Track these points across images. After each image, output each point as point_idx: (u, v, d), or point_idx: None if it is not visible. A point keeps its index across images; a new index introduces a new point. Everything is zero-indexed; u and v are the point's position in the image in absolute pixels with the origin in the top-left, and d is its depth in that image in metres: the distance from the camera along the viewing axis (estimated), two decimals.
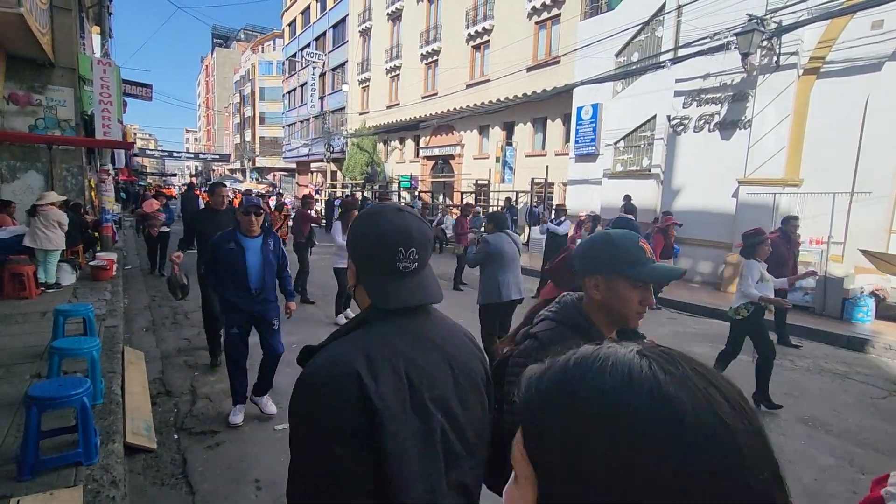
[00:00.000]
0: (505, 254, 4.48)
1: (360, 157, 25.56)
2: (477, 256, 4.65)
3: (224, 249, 3.47)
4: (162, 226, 8.97)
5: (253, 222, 3.50)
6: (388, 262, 0.97)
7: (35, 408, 2.55)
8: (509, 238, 4.64)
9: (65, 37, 8.83)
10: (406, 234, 0.98)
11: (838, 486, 3.08)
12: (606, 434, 0.37)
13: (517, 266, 4.61)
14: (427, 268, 1.06)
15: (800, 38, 8.37)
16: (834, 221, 7.95)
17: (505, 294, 4.45)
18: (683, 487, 0.35)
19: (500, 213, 5.06)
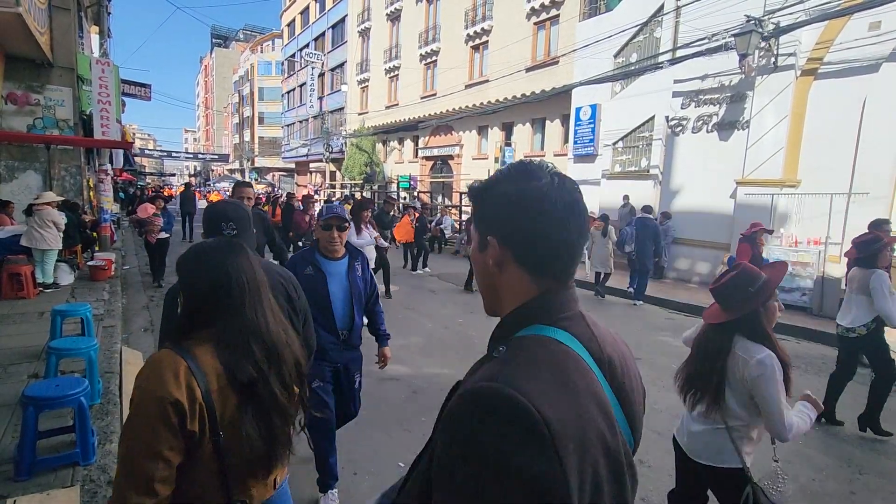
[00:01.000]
0: None
1: (360, 158, 25.56)
2: None
3: (300, 276, 2.40)
4: (161, 232, 8.21)
5: (336, 240, 2.61)
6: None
7: (32, 408, 2.55)
8: None
9: (63, 36, 8.83)
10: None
11: (836, 485, 3.09)
12: (517, 205, 0.74)
13: None
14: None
15: (798, 39, 8.40)
16: (831, 222, 7.97)
17: None
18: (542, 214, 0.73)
19: None
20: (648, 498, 2.87)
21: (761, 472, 1.98)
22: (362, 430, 3.55)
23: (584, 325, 0.75)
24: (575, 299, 0.78)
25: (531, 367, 0.66)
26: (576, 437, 0.61)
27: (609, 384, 0.72)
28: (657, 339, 6.32)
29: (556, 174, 0.77)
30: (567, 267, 0.77)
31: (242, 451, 1.11)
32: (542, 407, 0.59)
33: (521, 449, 0.58)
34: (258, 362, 1.13)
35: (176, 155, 48.85)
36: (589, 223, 0.83)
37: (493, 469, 0.58)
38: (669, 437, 3.63)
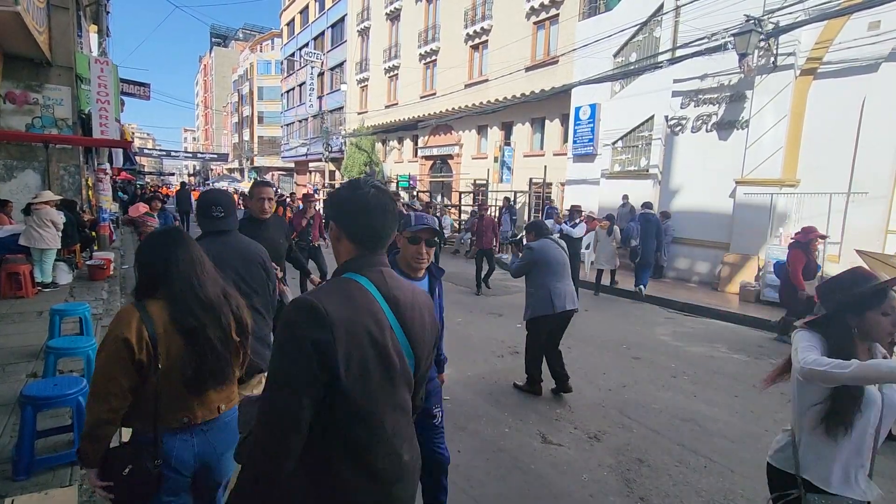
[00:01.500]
0: (553, 260, 4.13)
1: (359, 157, 25.54)
2: (520, 265, 4.23)
3: None
4: None
5: (424, 258, 2.15)
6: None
7: (30, 407, 2.55)
8: (555, 244, 4.28)
9: (62, 35, 8.81)
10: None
11: None
12: (346, 204, 1.23)
13: (568, 272, 4.23)
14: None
15: (797, 38, 8.40)
16: (831, 222, 7.98)
17: (559, 304, 4.06)
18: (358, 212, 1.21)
19: (541, 221, 4.73)
20: (648, 498, 2.87)
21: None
22: None
23: (379, 275, 1.22)
24: (380, 262, 1.24)
25: (330, 290, 1.15)
26: (347, 326, 1.08)
27: (391, 311, 1.19)
28: (656, 339, 6.32)
29: (374, 187, 1.26)
30: (374, 241, 1.24)
31: (180, 377, 1.53)
32: (326, 306, 1.07)
33: (308, 324, 1.06)
34: (197, 315, 1.56)
35: (175, 154, 48.77)
36: (396, 217, 1.29)
37: (292, 334, 1.07)
38: (668, 436, 3.65)
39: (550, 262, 4.12)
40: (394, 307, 1.20)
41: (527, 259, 4.18)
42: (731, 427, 3.85)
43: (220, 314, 1.62)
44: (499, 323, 6.77)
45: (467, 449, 3.34)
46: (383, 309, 1.18)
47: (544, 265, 4.12)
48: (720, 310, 7.74)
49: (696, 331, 6.90)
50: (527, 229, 4.51)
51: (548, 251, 4.16)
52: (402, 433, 1.24)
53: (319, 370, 1.05)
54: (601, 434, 3.65)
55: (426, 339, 1.29)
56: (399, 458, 1.22)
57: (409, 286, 1.30)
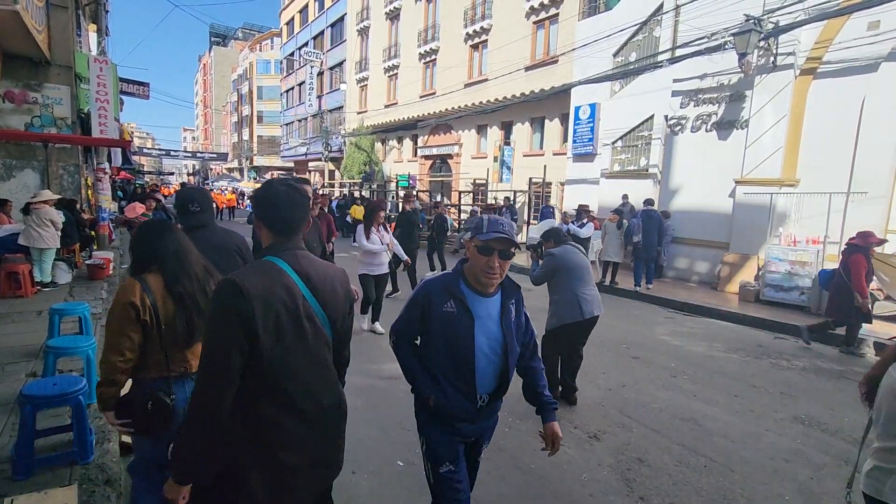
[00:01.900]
0: (576, 266, 4.05)
1: (358, 157, 25.53)
2: (542, 273, 4.13)
3: (436, 311, 1.87)
4: None
5: (496, 271, 1.81)
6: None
7: (30, 407, 2.54)
8: (576, 249, 4.19)
9: (61, 34, 8.80)
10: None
11: (834, 484, 3.09)
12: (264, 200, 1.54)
13: (591, 276, 4.14)
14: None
15: (797, 38, 8.40)
16: (830, 221, 7.98)
17: (587, 310, 3.96)
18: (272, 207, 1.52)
19: (558, 227, 4.66)
20: (648, 497, 2.87)
21: None
22: (360, 429, 3.55)
23: (293, 256, 1.50)
24: (294, 246, 1.53)
25: (251, 270, 1.45)
26: (263, 297, 1.36)
27: (304, 284, 1.47)
28: (656, 339, 6.33)
29: (284, 185, 1.55)
30: (286, 230, 1.52)
31: (174, 334, 1.92)
32: (246, 283, 1.35)
33: (232, 298, 1.33)
34: (185, 284, 1.95)
35: (175, 154, 48.72)
36: (306, 210, 1.57)
37: (220, 306, 1.35)
38: (667, 435, 3.65)
39: (573, 268, 4.03)
40: (306, 281, 1.49)
41: (549, 266, 4.08)
42: (730, 427, 3.86)
43: (205, 284, 2.03)
44: None
45: None
46: (296, 283, 1.46)
47: (567, 271, 4.03)
48: (720, 309, 7.75)
49: (696, 330, 6.90)
50: (545, 237, 4.41)
51: (571, 257, 4.08)
52: (321, 381, 1.53)
53: (242, 333, 1.34)
54: (601, 434, 3.65)
55: (338, 307, 1.59)
56: (318, 401, 1.51)
57: (322, 264, 1.59)
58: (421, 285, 1.97)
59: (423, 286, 1.95)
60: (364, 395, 4.17)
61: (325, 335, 1.55)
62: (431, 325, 1.88)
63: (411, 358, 1.98)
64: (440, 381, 1.88)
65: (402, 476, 2.99)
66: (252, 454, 1.41)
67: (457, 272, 1.93)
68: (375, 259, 5.83)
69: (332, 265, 1.65)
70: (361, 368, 4.80)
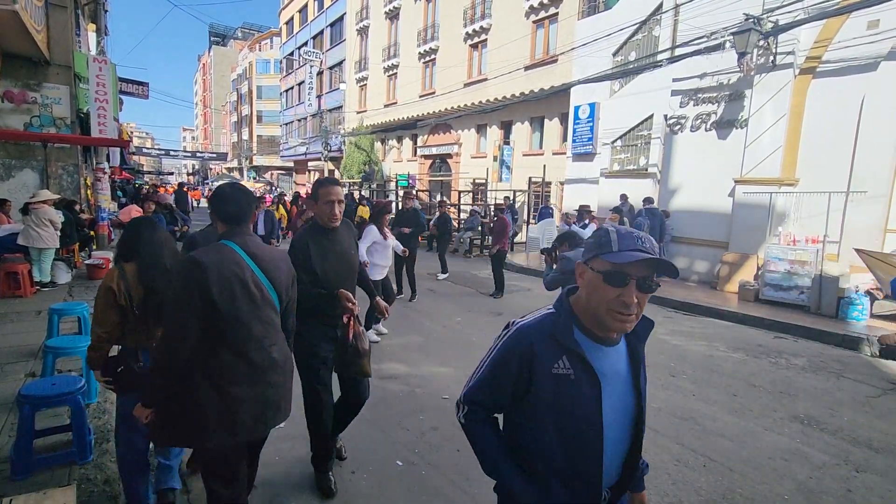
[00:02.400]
0: None
1: (358, 156, 25.53)
2: (558, 276, 4.00)
3: (543, 374, 1.23)
4: None
5: (630, 311, 1.16)
6: None
7: (28, 407, 2.54)
8: None
9: (60, 34, 8.80)
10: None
11: (833, 483, 3.09)
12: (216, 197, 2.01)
13: None
14: None
15: (796, 37, 8.39)
16: (829, 221, 7.98)
17: None
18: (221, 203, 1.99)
19: (572, 230, 4.52)
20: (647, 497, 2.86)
21: None
22: (360, 429, 3.55)
23: (242, 239, 1.90)
24: (243, 233, 1.94)
25: (205, 249, 1.84)
26: (217, 269, 1.76)
27: (251, 260, 1.88)
28: (655, 338, 6.30)
29: (232, 186, 2.03)
30: (234, 220, 1.93)
31: (146, 313, 2.26)
32: (203, 259, 1.76)
33: (191, 271, 1.75)
34: (153, 275, 2.27)
35: (174, 153, 48.66)
36: (251, 204, 2.01)
37: (182, 277, 1.78)
38: (666, 434, 3.65)
39: None
40: (253, 258, 1.91)
41: (565, 270, 3.95)
42: (729, 426, 3.86)
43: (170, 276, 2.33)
44: (498, 322, 6.77)
45: (466, 448, 3.32)
46: (245, 259, 1.88)
47: None
48: (719, 309, 7.75)
49: (695, 330, 6.91)
50: (559, 240, 4.31)
51: None
52: (270, 338, 1.95)
53: (199, 299, 1.74)
54: None
55: (282, 279, 2.03)
56: (268, 354, 1.93)
57: (268, 247, 2.04)
58: (514, 334, 1.29)
59: (517, 335, 1.28)
60: None
61: (272, 301, 1.98)
62: (535, 395, 1.23)
63: (495, 442, 1.35)
64: (546, 477, 1.26)
65: (402, 476, 2.99)
66: (207, 388, 1.81)
67: (566, 312, 1.26)
68: (384, 259, 5.52)
69: (277, 248, 2.22)
70: None
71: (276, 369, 1.96)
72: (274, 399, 1.97)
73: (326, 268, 2.57)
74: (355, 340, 2.55)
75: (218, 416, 1.82)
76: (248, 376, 1.88)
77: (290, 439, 3.36)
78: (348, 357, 2.55)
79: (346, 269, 2.68)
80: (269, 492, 2.78)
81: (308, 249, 2.53)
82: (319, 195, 2.55)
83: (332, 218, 2.56)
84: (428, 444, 3.36)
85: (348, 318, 2.55)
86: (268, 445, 3.25)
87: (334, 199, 2.54)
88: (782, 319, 7.08)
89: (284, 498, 2.72)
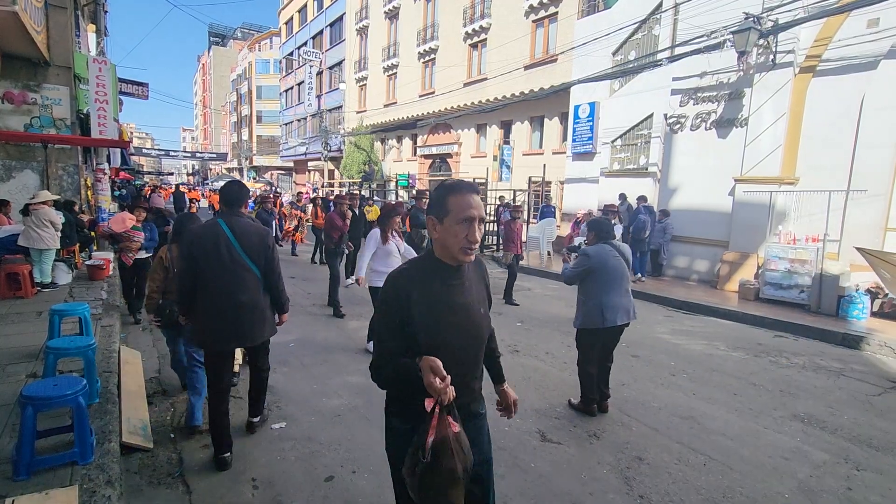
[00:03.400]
0: (609, 269, 3.82)
1: (358, 156, 25.53)
2: (574, 272, 3.95)
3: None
4: (140, 250, 6.16)
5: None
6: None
7: (30, 408, 2.54)
8: (614, 250, 3.92)
9: (60, 35, 8.79)
10: None
11: (833, 482, 3.09)
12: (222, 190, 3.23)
13: (625, 283, 3.90)
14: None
15: (796, 36, 8.39)
16: (830, 219, 7.98)
17: (609, 318, 3.78)
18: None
19: (605, 220, 4.19)
20: (647, 496, 2.87)
21: None
22: (360, 428, 3.56)
23: (229, 218, 2.95)
24: (233, 213, 2.98)
25: (202, 225, 3.06)
26: (198, 237, 2.92)
27: (229, 232, 2.91)
28: (655, 337, 6.33)
29: (233, 181, 3.27)
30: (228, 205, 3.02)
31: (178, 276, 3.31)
32: (191, 231, 3.03)
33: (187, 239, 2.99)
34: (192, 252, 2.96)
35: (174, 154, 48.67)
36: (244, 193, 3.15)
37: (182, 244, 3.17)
38: (666, 434, 3.65)
39: (604, 272, 3.82)
40: (231, 230, 2.91)
41: (582, 266, 3.88)
42: (730, 425, 3.86)
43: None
44: (498, 322, 6.78)
45: None
46: (224, 231, 2.89)
47: (600, 273, 3.82)
48: (719, 308, 7.75)
49: (696, 329, 6.91)
50: (588, 227, 4.16)
51: (606, 259, 3.83)
52: (238, 288, 2.91)
53: (190, 258, 2.85)
54: (600, 432, 3.66)
55: (254, 247, 2.96)
56: (237, 299, 2.90)
57: (249, 224, 3.02)
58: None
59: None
60: (364, 394, 4.17)
61: (244, 262, 2.94)
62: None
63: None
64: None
65: None
66: (197, 317, 2.97)
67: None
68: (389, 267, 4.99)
69: (258, 225, 3.11)
70: (361, 369, 4.80)
71: (242, 309, 2.94)
72: (238, 329, 2.96)
73: (441, 330, 1.53)
74: (436, 452, 1.37)
75: (202, 334, 2.99)
76: (217, 312, 2.91)
77: (291, 439, 3.37)
78: (426, 477, 1.39)
79: (471, 335, 1.64)
80: (270, 492, 2.78)
81: (408, 301, 1.51)
82: (450, 207, 1.52)
83: (467, 248, 1.53)
84: None
85: (433, 406, 1.40)
86: (270, 445, 3.27)
87: (475, 217, 1.53)
88: (783, 318, 7.08)
89: (286, 497, 2.73)
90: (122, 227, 5.93)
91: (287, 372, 4.66)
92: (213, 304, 2.89)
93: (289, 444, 3.29)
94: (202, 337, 2.96)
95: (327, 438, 3.40)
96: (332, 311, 6.84)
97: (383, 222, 5.16)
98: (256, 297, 2.98)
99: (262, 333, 3.07)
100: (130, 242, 6.04)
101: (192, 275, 2.89)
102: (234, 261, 2.89)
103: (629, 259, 4.05)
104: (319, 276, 9.14)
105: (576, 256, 4.12)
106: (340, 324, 6.43)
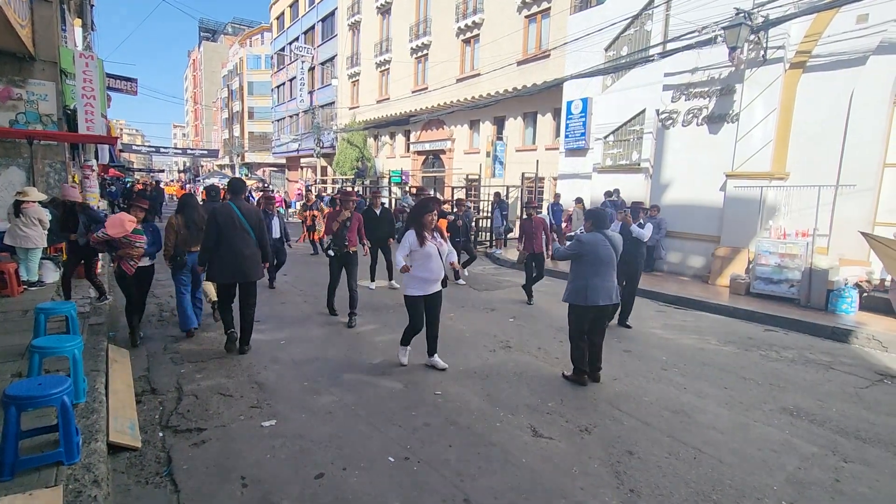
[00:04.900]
0: (597, 258, 4.27)
1: (351, 153, 25.41)
2: (564, 252, 4.44)
3: None
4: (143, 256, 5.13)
5: None
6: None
7: (14, 407, 2.50)
8: (606, 240, 4.33)
9: (45, 29, 8.64)
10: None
11: (822, 474, 3.12)
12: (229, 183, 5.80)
13: (611, 270, 4.35)
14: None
15: (786, 32, 8.43)
16: (819, 214, 8.04)
17: (591, 298, 4.25)
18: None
19: (601, 210, 4.58)
20: (638, 489, 2.88)
21: None
22: (351, 425, 3.54)
23: (238, 200, 5.00)
24: (238, 198, 5.02)
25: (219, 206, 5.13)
26: (221, 214, 4.84)
27: (238, 210, 4.88)
28: (647, 332, 6.36)
29: (237, 179, 5.51)
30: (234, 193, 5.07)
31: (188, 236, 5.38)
32: (215, 209, 4.97)
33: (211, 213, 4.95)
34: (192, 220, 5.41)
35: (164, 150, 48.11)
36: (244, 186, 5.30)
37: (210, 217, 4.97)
38: (658, 427, 3.67)
39: (593, 260, 4.28)
40: (239, 209, 4.87)
41: (573, 250, 4.37)
42: (720, 418, 3.89)
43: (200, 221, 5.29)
44: (491, 318, 6.78)
45: (458, 443, 3.34)
46: (234, 210, 4.84)
47: (590, 259, 4.28)
48: (711, 302, 7.80)
49: (687, 323, 6.95)
50: (586, 216, 4.59)
51: (595, 246, 4.29)
52: (243, 243, 4.83)
53: (216, 224, 4.77)
54: (591, 427, 3.67)
55: (253, 220, 4.91)
56: (241, 249, 4.81)
57: (247, 206, 5.02)
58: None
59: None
60: (356, 391, 4.15)
61: (247, 230, 4.85)
62: None
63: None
64: None
65: (393, 472, 2.98)
66: (216, 259, 4.80)
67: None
68: (428, 273, 4.47)
69: (254, 206, 5.83)
70: (353, 365, 4.78)
71: (244, 256, 4.80)
72: (242, 268, 4.80)
73: None
74: None
75: (219, 270, 4.82)
76: (230, 257, 4.75)
77: (281, 437, 3.35)
78: None
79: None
80: (259, 489, 2.76)
81: None
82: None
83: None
84: (420, 441, 3.36)
85: None
86: (259, 443, 3.24)
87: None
88: (773, 312, 7.14)
89: (275, 496, 2.71)
90: (120, 232, 4.93)
91: (278, 369, 4.63)
92: (228, 252, 4.74)
93: (279, 442, 3.27)
94: (221, 274, 4.82)
95: (318, 436, 3.38)
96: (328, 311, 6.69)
97: (416, 221, 4.49)
98: (253, 250, 4.89)
99: (256, 273, 4.90)
100: (132, 249, 4.98)
101: (216, 235, 4.71)
102: (241, 227, 4.80)
103: (619, 249, 4.46)
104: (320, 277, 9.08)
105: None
106: (333, 322, 6.40)
